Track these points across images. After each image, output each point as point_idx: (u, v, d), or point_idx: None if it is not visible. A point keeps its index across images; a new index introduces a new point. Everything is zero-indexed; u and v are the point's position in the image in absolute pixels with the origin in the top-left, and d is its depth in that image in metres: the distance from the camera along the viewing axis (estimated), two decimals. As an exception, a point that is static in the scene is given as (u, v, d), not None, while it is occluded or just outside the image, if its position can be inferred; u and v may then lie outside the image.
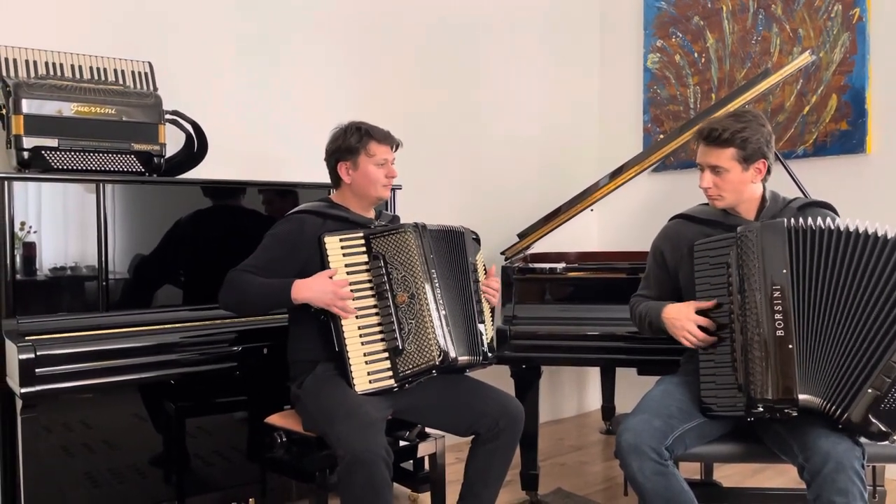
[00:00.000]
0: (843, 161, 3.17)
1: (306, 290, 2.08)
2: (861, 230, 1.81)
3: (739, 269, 1.87)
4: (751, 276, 1.85)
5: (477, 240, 2.36)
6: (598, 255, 3.37)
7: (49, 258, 2.25)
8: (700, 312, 1.97)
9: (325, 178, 2.35)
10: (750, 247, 1.86)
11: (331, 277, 2.09)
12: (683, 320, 1.98)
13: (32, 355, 2.02)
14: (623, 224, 3.93)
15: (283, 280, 2.11)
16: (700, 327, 1.96)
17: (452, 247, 2.25)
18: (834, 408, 1.76)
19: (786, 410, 1.79)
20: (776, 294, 1.81)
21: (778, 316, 1.80)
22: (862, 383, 1.74)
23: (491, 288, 2.31)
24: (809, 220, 1.85)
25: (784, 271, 1.82)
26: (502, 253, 3.00)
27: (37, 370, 2.03)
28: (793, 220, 1.87)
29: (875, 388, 1.73)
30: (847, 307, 1.79)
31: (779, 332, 1.80)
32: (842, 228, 1.82)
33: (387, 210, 2.62)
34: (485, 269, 2.34)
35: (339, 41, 3.24)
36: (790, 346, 1.79)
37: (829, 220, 1.85)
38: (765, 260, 1.84)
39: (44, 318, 2.20)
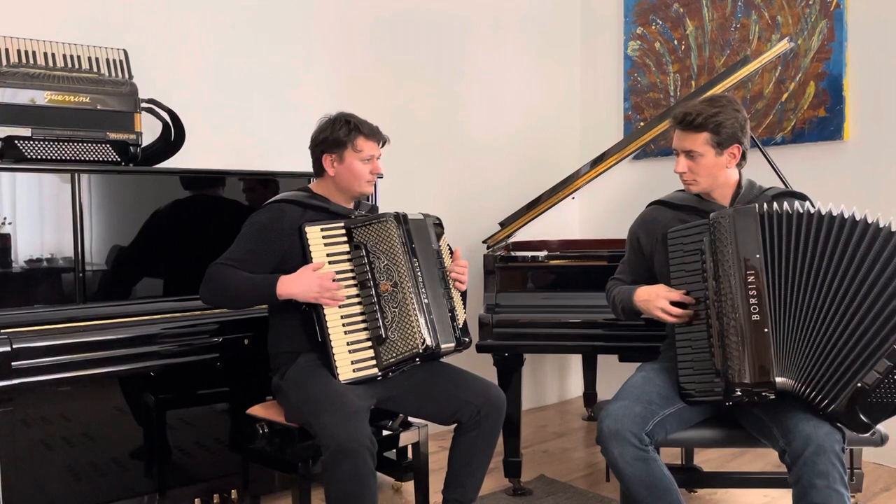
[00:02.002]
0: (820, 148, 3.20)
1: (292, 286, 2.06)
2: (834, 214, 1.82)
3: (713, 254, 1.89)
4: (725, 262, 1.86)
5: (439, 224, 2.34)
6: (580, 242, 3.38)
7: (24, 250, 2.21)
8: None
9: (305, 166, 2.33)
10: (723, 232, 1.88)
11: (314, 270, 2.08)
12: (654, 298, 2.00)
13: (8, 348, 2.00)
14: (604, 212, 3.94)
15: (267, 276, 2.09)
16: (675, 304, 1.97)
17: (426, 235, 2.24)
18: (820, 397, 1.78)
19: (763, 394, 1.81)
20: (750, 279, 1.83)
21: (753, 300, 1.82)
22: (851, 377, 1.75)
23: (458, 272, 2.29)
24: (785, 205, 1.86)
25: (758, 256, 1.83)
26: (484, 241, 3.00)
27: (13, 363, 2.00)
28: (766, 205, 1.88)
29: (865, 382, 1.74)
30: (824, 291, 1.80)
31: (754, 317, 1.81)
32: (813, 212, 1.84)
33: (367, 200, 2.61)
34: (450, 251, 2.33)
35: (320, 31, 3.21)
36: (766, 330, 1.80)
37: (806, 204, 1.87)
38: (738, 245, 1.85)
39: (20, 310, 2.17)
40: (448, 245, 2.35)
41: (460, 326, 2.24)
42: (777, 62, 3.26)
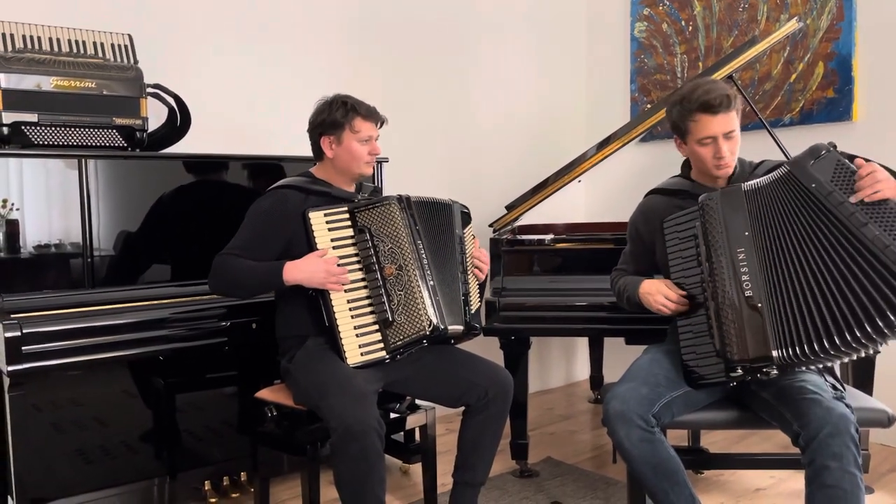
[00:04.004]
0: (829, 129, 3.17)
1: (298, 272, 2.07)
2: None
3: (705, 237, 1.90)
4: (716, 243, 1.87)
5: (467, 213, 2.35)
6: (586, 226, 3.37)
7: (33, 235, 2.23)
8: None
9: (310, 151, 2.33)
10: (713, 215, 1.89)
11: (320, 256, 2.08)
12: (655, 293, 2.02)
13: (18, 333, 2.01)
14: (610, 195, 3.93)
15: (273, 263, 2.10)
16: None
17: (439, 218, 2.24)
18: (817, 344, 1.73)
19: (764, 369, 1.80)
20: (741, 256, 1.83)
21: (745, 277, 1.82)
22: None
23: (478, 260, 2.30)
24: (761, 179, 1.86)
25: (746, 233, 1.84)
26: (490, 225, 3.00)
27: (23, 348, 2.02)
28: (750, 182, 1.88)
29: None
30: (804, 253, 1.77)
31: (747, 293, 1.81)
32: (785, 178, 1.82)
33: (370, 183, 2.60)
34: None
35: (326, 15, 3.19)
36: (759, 305, 1.80)
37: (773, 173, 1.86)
38: (727, 225, 1.86)
39: (29, 295, 2.18)
40: (473, 235, 2.35)
41: (472, 312, 2.24)
42: (785, 42, 3.23)
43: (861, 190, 1.71)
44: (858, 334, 1.69)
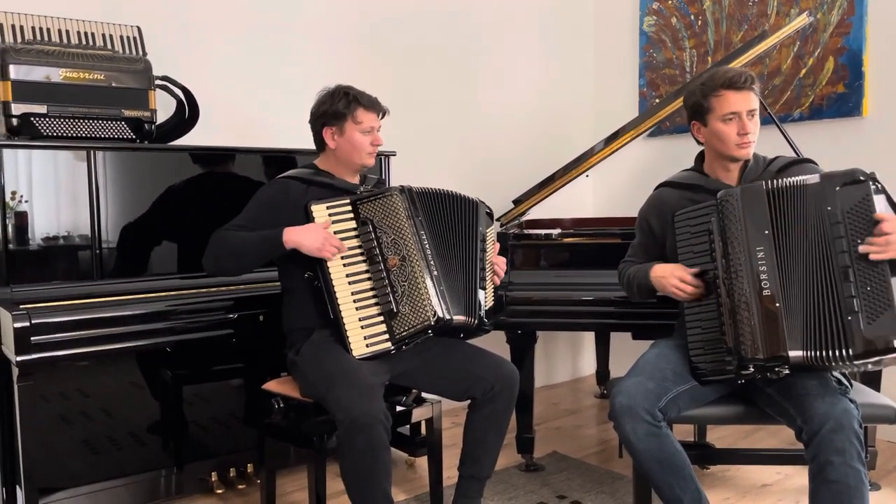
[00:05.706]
0: (839, 124, 3.15)
1: (297, 234, 2.06)
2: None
3: (722, 233, 1.89)
4: (734, 240, 1.87)
5: (490, 214, 2.34)
6: (593, 220, 3.37)
7: (41, 227, 2.23)
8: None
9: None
10: (732, 211, 1.88)
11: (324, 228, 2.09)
12: (669, 276, 2.00)
13: (27, 323, 2.02)
14: (618, 189, 3.92)
15: (274, 229, 2.10)
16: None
17: (446, 209, 2.23)
18: (830, 353, 1.74)
19: (776, 369, 1.80)
20: (760, 255, 1.83)
21: (763, 276, 1.82)
22: (840, 315, 1.74)
23: (498, 265, 2.30)
24: (787, 180, 1.86)
25: (766, 232, 1.84)
26: (498, 219, 2.99)
27: (32, 338, 2.03)
28: (773, 181, 1.88)
29: (850, 312, 1.73)
30: (806, 264, 1.80)
31: (765, 292, 1.81)
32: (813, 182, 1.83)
33: (374, 174, 2.60)
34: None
35: (334, 7, 3.18)
36: (777, 305, 1.80)
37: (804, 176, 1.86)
38: (747, 223, 1.86)
39: (38, 286, 2.19)
40: (494, 239, 2.34)
41: (486, 307, 2.22)
42: (795, 37, 3.21)
43: (870, 245, 1.74)
44: (837, 353, 1.73)
